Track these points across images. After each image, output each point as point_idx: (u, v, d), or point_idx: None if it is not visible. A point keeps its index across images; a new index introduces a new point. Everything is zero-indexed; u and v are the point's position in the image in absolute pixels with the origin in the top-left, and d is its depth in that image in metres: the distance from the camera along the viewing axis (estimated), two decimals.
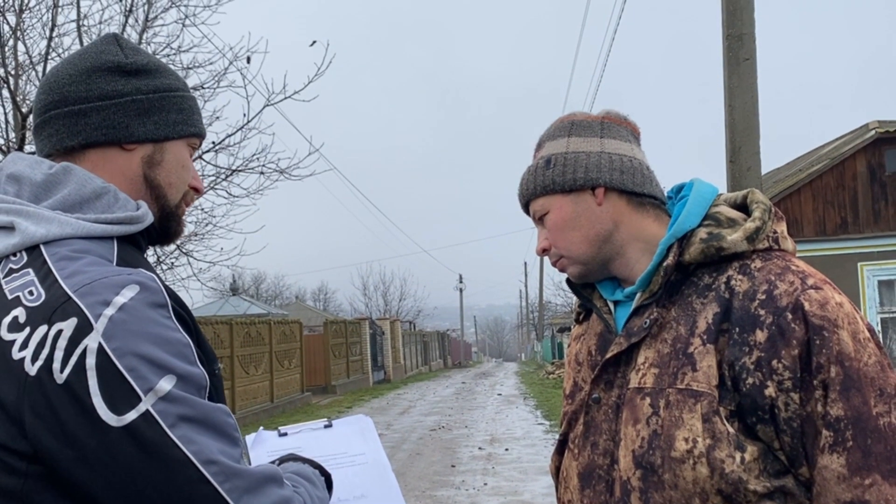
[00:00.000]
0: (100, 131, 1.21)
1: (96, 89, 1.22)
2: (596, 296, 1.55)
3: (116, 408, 0.98)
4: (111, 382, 0.99)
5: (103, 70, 1.23)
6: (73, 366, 0.99)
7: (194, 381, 1.06)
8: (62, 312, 1.02)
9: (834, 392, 1.22)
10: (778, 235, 1.40)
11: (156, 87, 1.26)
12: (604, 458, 1.41)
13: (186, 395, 1.03)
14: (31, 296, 1.05)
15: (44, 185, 1.17)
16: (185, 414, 1.02)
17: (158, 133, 1.25)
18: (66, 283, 1.04)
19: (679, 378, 1.31)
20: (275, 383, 18.79)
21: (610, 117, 1.52)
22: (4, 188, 1.19)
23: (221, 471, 1.02)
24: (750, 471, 1.24)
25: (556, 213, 1.48)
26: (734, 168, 7.21)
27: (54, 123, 1.22)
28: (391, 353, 32.74)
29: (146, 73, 1.27)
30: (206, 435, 1.04)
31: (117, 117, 1.22)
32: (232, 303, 26.56)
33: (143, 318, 1.03)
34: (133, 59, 1.26)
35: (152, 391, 1.00)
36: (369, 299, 58.95)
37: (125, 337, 1.01)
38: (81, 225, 1.13)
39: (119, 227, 1.17)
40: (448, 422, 15.36)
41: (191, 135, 1.31)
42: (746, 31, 7.21)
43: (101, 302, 1.02)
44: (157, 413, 1.00)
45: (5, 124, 8.74)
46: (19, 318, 1.04)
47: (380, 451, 1.57)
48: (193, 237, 10.73)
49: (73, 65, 1.24)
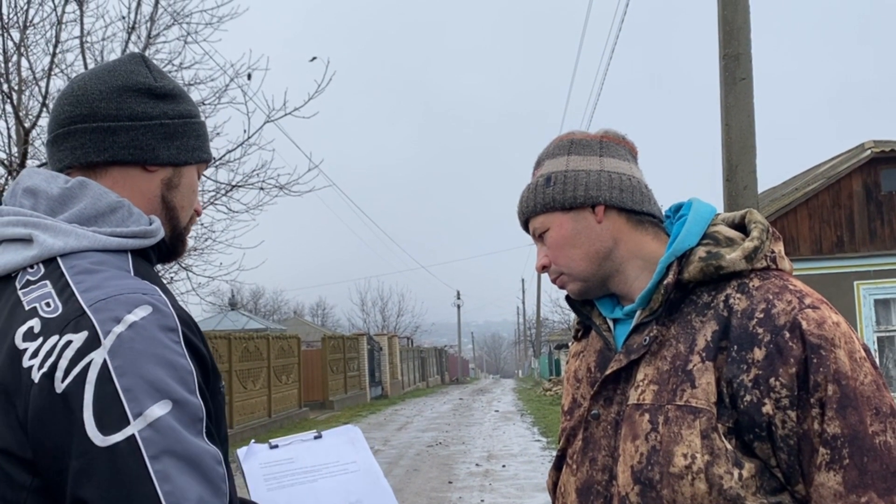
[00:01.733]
0: (127, 150, 1.23)
1: (127, 109, 1.24)
2: (595, 313, 1.57)
3: (104, 427, 0.97)
4: (105, 400, 0.98)
5: (134, 91, 1.25)
6: (74, 377, 0.99)
7: (190, 409, 1.03)
8: (75, 325, 1.03)
9: (831, 410, 1.23)
10: (776, 255, 1.42)
11: (180, 113, 1.29)
12: (602, 473, 1.42)
13: (177, 427, 1.00)
14: (47, 307, 1.06)
15: (60, 199, 1.18)
16: (171, 448, 0.99)
17: (179, 158, 1.29)
18: (83, 298, 1.05)
19: (678, 395, 1.33)
20: (273, 398, 18.73)
21: (609, 136, 1.54)
22: (21, 201, 1.20)
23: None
24: (747, 487, 1.25)
25: (556, 230, 1.50)
26: (730, 186, 7.24)
27: (80, 137, 1.23)
28: (389, 368, 32.64)
29: (172, 98, 1.29)
30: (187, 476, 0.99)
31: (145, 139, 1.24)
32: (230, 317, 26.53)
33: (150, 338, 1.03)
34: (162, 84, 1.29)
35: (142, 416, 0.98)
36: (367, 315, 58.85)
37: (130, 355, 1.01)
38: (98, 238, 1.15)
39: (134, 240, 1.19)
40: (445, 438, 15.30)
41: (203, 161, 1.34)
42: (743, 51, 7.27)
43: (113, 318, 1.02)
44: (141, 440, 0.97)
45: (7, 139, 8.76)
46: (34, 329, 1.05)
47: (371, 459, 1.59)
48: (193, 252, 10.75)
49: (102, 81, 1.25)
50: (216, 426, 1.17)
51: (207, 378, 1.13)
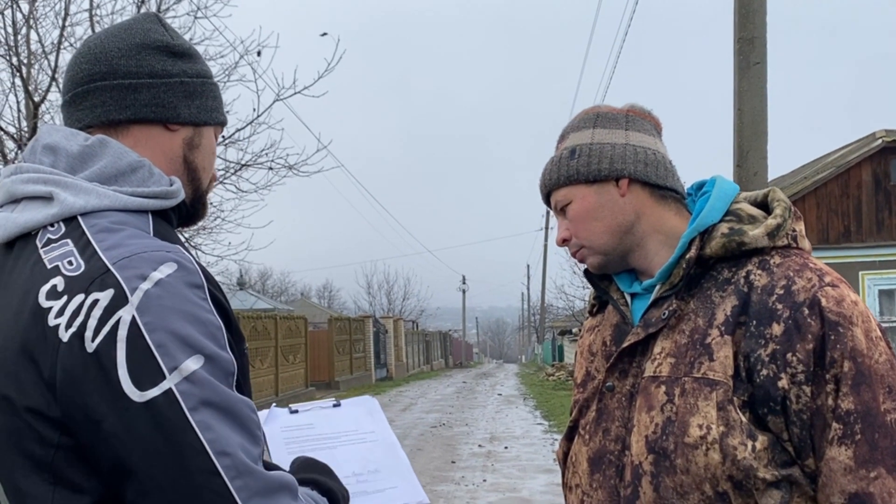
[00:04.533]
0: (149, 108, 1.21)
1: (147, 66, 1.22)
2: (613, 288, 1.58)
3: (140, 383, 0.97)
4: (139, 357, 0.98)
5: (152, 48, 1.23)
6: (104, 336, 0.99)
7: (222, 364, 1.04)
8: (100, 283, 1.02)
9: (845, 386, 1.24)
10: (797, 234, 1.42)
11: (197, 72, 1.28)
12: (615, 443, 1.43)
13: (212, 380, 1.01)
14: (70, 266, 1.06)
15: (80, 157, 1.17)
16: (209, 399, 1.00)
17: (200, 117, 1.27)
18: (106, 256, 1.05)
19: (696, 367, 1.34)
20: (280, 377, 18.85)
21: (635, 110, 1.54)
22: (40, 158, 1.18)
23: (234, 465, 0.99)
24: (760, 459, 1.26)
25: (578, 203, 1.50)
26: (741, 172, 7.20)
27: (100, 95, 1.21)
28: (394, 351, 32.77)
29: (189, 57, 1.28)
30: (226, 425, 1.01)
31: (167, 97, 1.22)
32: (239, 297, 26.57)
33: (178, 295, 1.03)
34: (179, 42, 1.27)
35: (177, 370, 0.98)
36: (373, 298, 58.84)
37: (159, 312, 1.00)
38: (119, 197, 1.14)
39: (154, 201, 1.18)
40: (449, 419, 15.38)
41: (220, 123, 1.33)
42: (758, 35, 7.20)
43: (139, 276, 1.02)
44: (179, 393, 0.98)
45: (17, 113, 8.77)
46: (58, 287, 1.04)
47: (388, 430, 1.60)
48: (202, 231, 10.76)
49: (120, 39, 1.23)
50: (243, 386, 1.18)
51: (233, 336, 1.13)
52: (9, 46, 8.38)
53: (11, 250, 1.16)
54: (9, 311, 1.09)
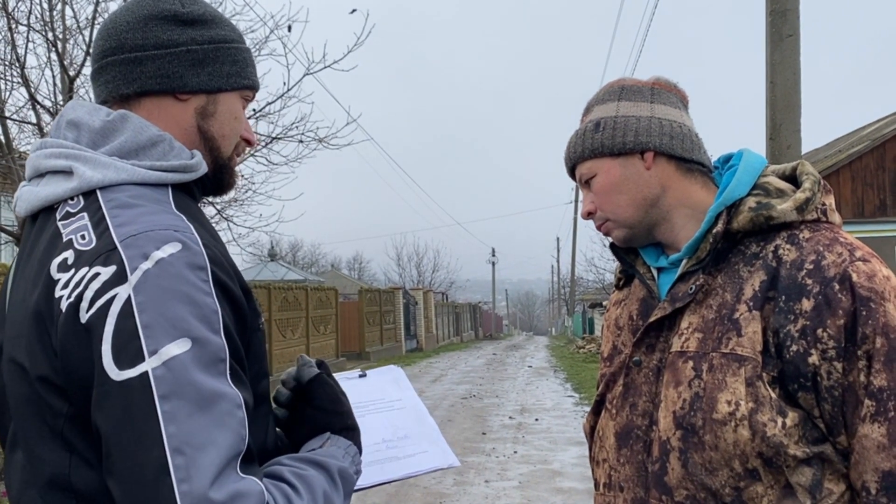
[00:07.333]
0: (154, 80, 1.22)
1: (152, 38, 1.22)
2: (639, 262, 1.57)
3: (120, 361, 0.98)
4: (124, 335, 0.98)
5: (160, 18, 1.23)
6: (97, 308, 1.00)
7: (211, 349, 1.01)
8: (105, 259, 1.03)
9: (878, 363, 1.23)
10: (826, 208, 1.40)
11: (211, 38, 1.26)
12: (642, 418, 1.44)
13: (193, 368, 0.98)
14: (82, 240, 1.08)
15: (101, 132, 1.18)
16: (182, 390, 0.97)
17: (212, 84, 1.26)
18: (116, 233, 1.06)
19: (724, 343, 1.33)
20: (311, 347, 19.09)
21: (660, 83, 1.52)
22: (64, 133, 1.20)
23: (186, 467, 0.94)
24: (790, 436, 1.26)
25: (603, 176, 1.49)
26: (774, 145, 7.10)
27: (111, 70, 1.23)
28: (424, 322, 32.93)
29: (202, 24, 1.26)
30: (196, 419, 0.97)
31: (172, 67, 1.22)
32: (270, 268, 26.83)
33: (176, 276, 1.02)
34: (190, 9, 1.26)
35: (157, 354, 0.97)
36: (403, 270, 59.08)
37: (153, 292, 1.00)
38: (137, 171, 1.15)
39: (174, 174, 1.18)
40: (479, 391, 15.45)
41: (244, 87, 1.30)
42: (791, 7, 7.07)
43: (141, 255, 1.02)
44: (154, 378, 0.97)
45: (53, 87, 8.87)
46: (68, 260, 1.06)
47: (415, 398, 1.62)
48: (233, 203, 10.86)
49: (130, 12, 1.24)
50: (256, 362, 1.18)
51: (242, 318, 1.12)
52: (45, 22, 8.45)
53: (35, 223, 1.20)
54: (28, 282, 1.13)
